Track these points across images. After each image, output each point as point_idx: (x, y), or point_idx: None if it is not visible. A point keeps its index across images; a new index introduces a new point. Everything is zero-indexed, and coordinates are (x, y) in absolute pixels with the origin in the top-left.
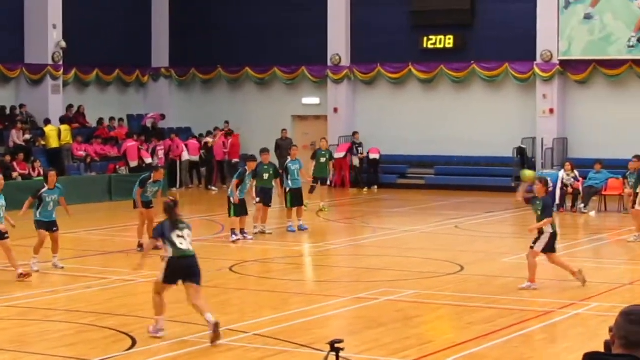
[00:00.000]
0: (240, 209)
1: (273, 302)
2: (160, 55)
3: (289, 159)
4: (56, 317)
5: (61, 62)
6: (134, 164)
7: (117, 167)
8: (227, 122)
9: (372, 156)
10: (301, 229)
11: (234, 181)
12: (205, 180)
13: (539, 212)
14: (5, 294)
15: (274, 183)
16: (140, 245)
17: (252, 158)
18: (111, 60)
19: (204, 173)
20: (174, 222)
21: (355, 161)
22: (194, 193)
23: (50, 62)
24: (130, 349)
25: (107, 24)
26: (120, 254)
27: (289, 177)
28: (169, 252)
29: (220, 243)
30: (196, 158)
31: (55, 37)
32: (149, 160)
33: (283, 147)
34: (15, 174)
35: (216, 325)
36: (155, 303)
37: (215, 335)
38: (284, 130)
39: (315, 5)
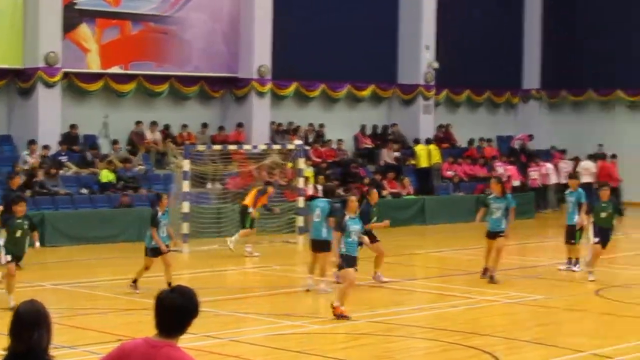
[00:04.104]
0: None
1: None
2: (531, 76)
3: None
4: (421, 334)
5: (433, 83)
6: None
7: (485, 188)
8: (600, 145)
9: None
10: None
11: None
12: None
13: None
14: (372, 310)
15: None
16: (485, 272)
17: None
18: (482, 81)
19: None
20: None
21: None
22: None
23: (422, 82)
24: None
25: (478, 46)
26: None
27: None
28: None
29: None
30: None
31: (427, 58)
32: (516, 183)
33: None
34: (385, 192)
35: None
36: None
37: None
38: None
39: None
